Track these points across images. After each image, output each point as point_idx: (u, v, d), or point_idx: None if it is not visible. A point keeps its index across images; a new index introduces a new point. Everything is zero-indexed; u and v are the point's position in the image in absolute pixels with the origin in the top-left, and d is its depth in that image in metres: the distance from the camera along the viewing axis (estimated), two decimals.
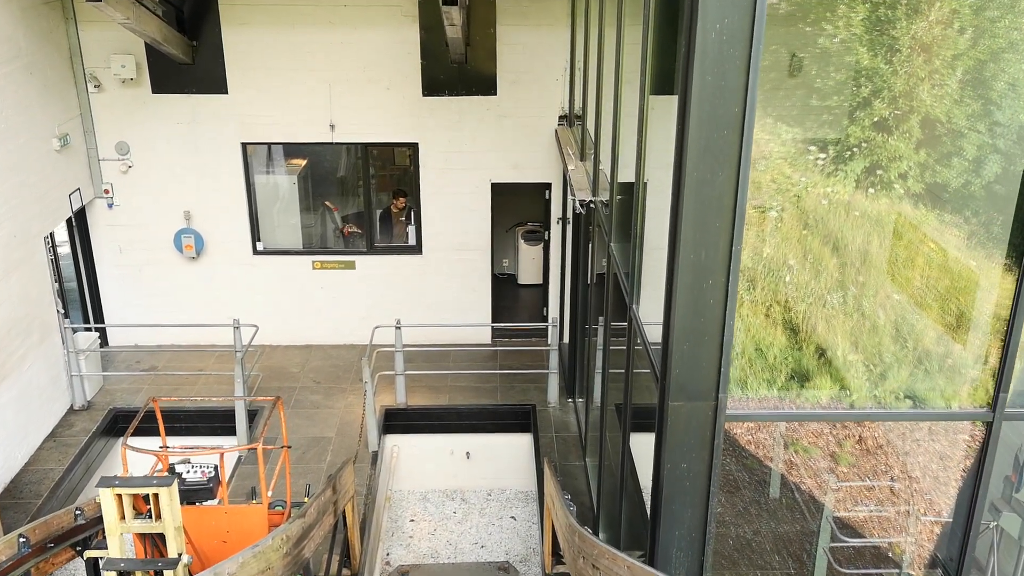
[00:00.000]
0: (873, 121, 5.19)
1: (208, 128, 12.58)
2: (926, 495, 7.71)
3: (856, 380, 5.87)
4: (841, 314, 5.82)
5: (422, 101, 12.58)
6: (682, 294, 5.37)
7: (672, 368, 5.54)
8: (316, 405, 12.26)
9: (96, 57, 12.11)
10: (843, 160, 5.34)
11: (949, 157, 5.24)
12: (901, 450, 7.78)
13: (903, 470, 7.93)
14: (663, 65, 6.67)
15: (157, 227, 13.00)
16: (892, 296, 5.77)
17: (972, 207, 5.40)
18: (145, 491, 5.56)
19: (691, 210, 5.20)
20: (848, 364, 5.84)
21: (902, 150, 5.18)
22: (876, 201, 5.40)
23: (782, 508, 8.54)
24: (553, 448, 11.45)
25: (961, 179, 5.31)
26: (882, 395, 5.88)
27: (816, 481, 8.45)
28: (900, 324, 5.83)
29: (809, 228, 5.64)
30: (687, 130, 5.09)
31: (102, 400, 12.15)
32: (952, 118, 5.17)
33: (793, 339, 5.81)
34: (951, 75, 5.08)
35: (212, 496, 6.83)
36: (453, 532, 11.66)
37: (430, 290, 13.54)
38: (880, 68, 5.12)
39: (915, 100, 5.13)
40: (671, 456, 5.76)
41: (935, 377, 5.91)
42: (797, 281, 5.69)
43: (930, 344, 5.84)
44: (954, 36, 5.04)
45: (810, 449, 8.41)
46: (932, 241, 5.57)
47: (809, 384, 5.88)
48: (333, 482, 7.77)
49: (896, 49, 5.05)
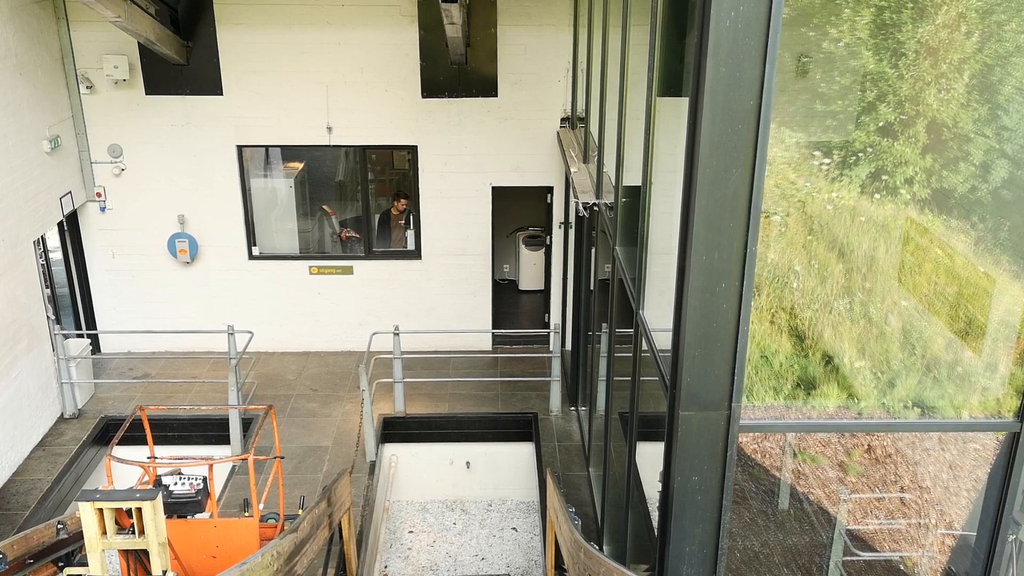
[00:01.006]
0: (878, 126, 5.10)
1: (203, 130, 12.35)
2: (937, 506, 7.58)
3: (866, 388, 5.66)
4: (848, 320, 5.62)
5: (421, 103, 12.36)
6: (693, 298, 5.11)
7: (683, 376, 5.28)
8: (313, 413, 11.99)
9: (88, 58, 11.87)
10: (848, 165, 5.22)
11: (956, 162, 5.15)
12: (911, 460, 7.67)
13: (913, 480, 7.79)
14: (671, 65, 6.48)
15: (151, 231, 12.76)
16: (900, 303, 5.60)
17: (979, 212, 5.29)
18: (127, 505, 5.28)
19: (703, 209, 4.94)
20: (855, 371, 5.67)
21: (908, 155, 5.09)
22: (882, 207, 5.28)
23: (790, 519, 8.34)
24: (555, 458, 11.19)
25: (968, 184, 5.20)
26: (891, 403, 5.67)
27: (824, 491, 8.29)
28: (921, 332, 5.66)
29: (814, 234, 5.49)
30: (699, 125, 4.83)
31: (93, 408, 11.88)
32: (959, 122, 5.08)
33: (799, 346, 5.64)
34: (958, 79, 4.98)
35: (200, 509, 6.54)
36: (453, 544, 11.41)
37: (429, 296, 13.31)
38: (885, 72, 5.03)
39: (921, 104, 5.03)
40: (681, 468, 5.49)
41: (946, 385, 5.74)
42: (803, 287, 5.52)
43: (952, 353, 5.67)
44: (961, 40, 4.95)
45: (817, 459, 8.26)
46: (944, 246, 5.43)
47: (817, 392, 5.65)
48: (328, 494, 7.49)
49: (902, 53, 4.96)
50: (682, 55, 6.31)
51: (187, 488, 6.40)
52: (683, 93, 5.69)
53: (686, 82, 5.64)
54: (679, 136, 5.26)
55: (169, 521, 6.51)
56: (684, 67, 6.09)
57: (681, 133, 5.10)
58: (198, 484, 6.45)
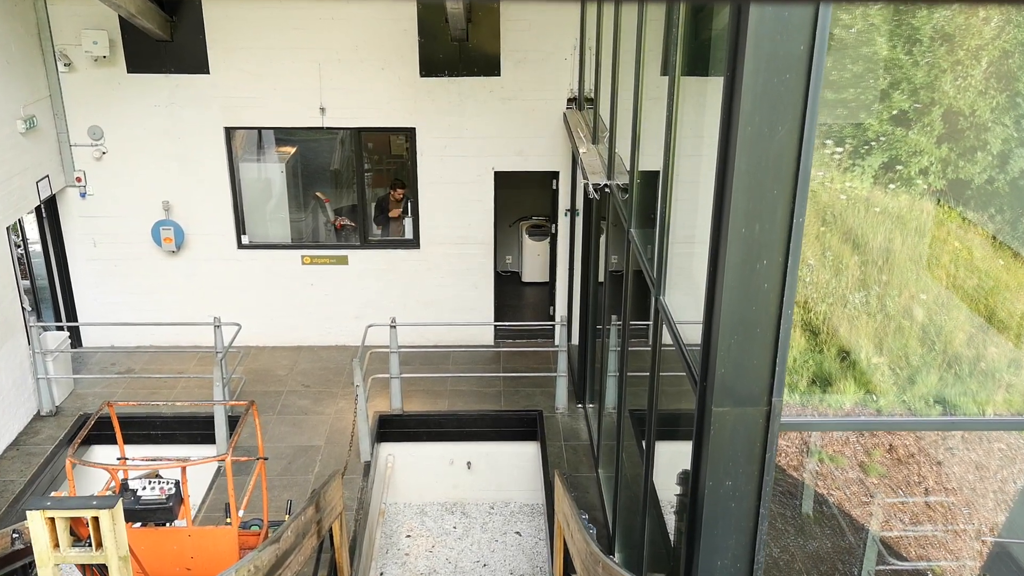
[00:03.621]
0: (892, 114, 4.92)
1: (188, 111, 11.71)
2: (965, 509, 7.17)
3: (885, 384, 5.25)
4: (864, 314, 5.32)
5: (419, 82, 11.72)
6: (730, 277, 4.47)
7: (716, 367, 4.64)
8: (304, 411, 11.37)
9: (66, 33, 11.22)
10: (860, 155, 5.01)
11: (973, 152, 4.98)
12: (934, 459, 7.24)
13: (938, 481, 7.47)
14: (697, 38, 5.91)
15: (134, 218, 12.12)
16: (920, 295, 5.36)
17: (997, 204, 5.11)
18: (81, 514, 4.61)
19: (743, 174, 4.30)
20: (873, 367, 5.34)
21: (923, 144, 4.92)
22: (896, 197, 5.09)
23: (811, 523, 7.93)
24: (562, 458, 10.59)
25: (985, 175, 5.03)
26: (911, 400, 5.25)
27: (845, 492, 7.96)
28: (941, 326, 5.36)
29: (827, 224, 5.25)
30: (739, 75, 4.19)
31: (72, 405, 11.23)
32: (976, 111, 4.90)
33: (814, 341, 5.31)
34: (975, 66, 4.82)
35: (172, 516, 5.89)
36: (453, 549, 10.86)
37: (428, 287, 12.71)
38: (900, 59, 4.84)
39: (937, 92, 4.89)
40: (713, 472, 4.85)
41: (968, 382, 5.38)
42: (816, 280, 5.22)
43: (974, 349, 5.40)
44: (979, 25, 4.79)
45: (836, 458, 7.98)
46: (962, 238, 5.25)
47: (833, 389, 5.24)
48: (317, 499, 6.83)
49: (917, 39, 4.79)
50: (709, 27, 5.84)
51: (157, 494, 5.74)
52: (709, 72, 5.49)
53: (714, 59, 5.39)
54: (698, 116, 4.98)
55: (138, 530, 5.86)
56: (712, 40, 5.68)
57: (701, 113, 4.78)
58: (170, 489, 5.79)
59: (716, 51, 5.47)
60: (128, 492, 5.72)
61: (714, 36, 5.68)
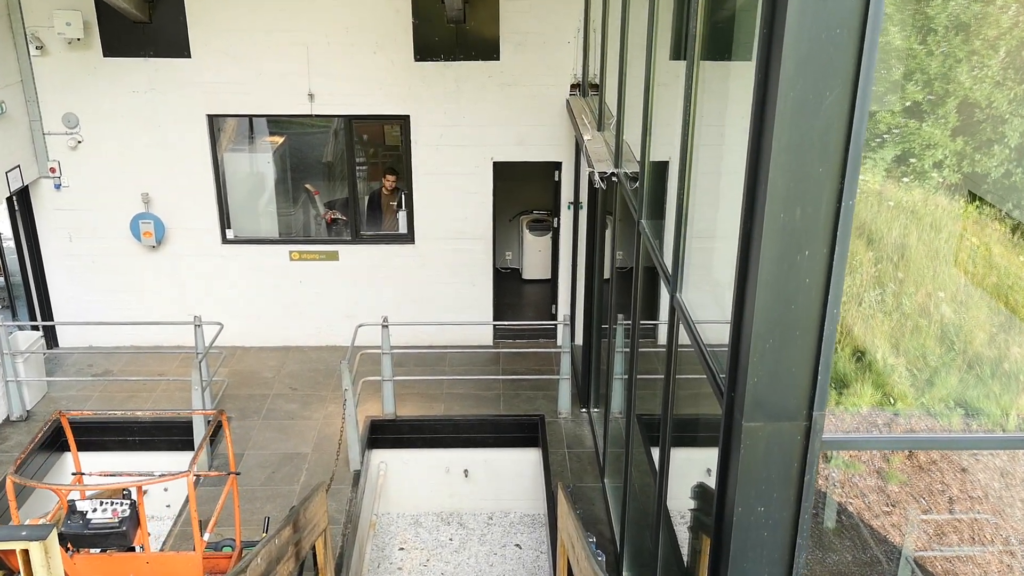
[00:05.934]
0: (905, 106, 4.67)
1: (169, 98, 11.10)
2: (992, 519, 6.74)
3: (902, 387, 4.95)
4: (879, 313, 5.05)
5: (414, 67, 11.11)
6: (765, 271, 3.83)
7: (748, 376, 3.99)
8: (291, 416, 10.77)
9: (38, 14, 10.62)
10: (872, 148, 4.66)
11: (989, 145, 4.81)
12: (958, 466, 6.85)
13: (963, 490, 7.03)
14: (715, 17, 5.37)
15: (112, 211, 11.55)
16: (937, 293, 5.17)
17: (1015, 198, 4.91)
18: (8, 546, 3.96)
19: (783, 150, 3.66)
20: (890, 368, 5.04)
21: (937, 137, 4.74)
22: (910, 191, 4.91)
23: (830, 535, 7.40)
24: (565, 466, 9.98)
25: (1003, 168, 4.84)
26: (930, 403, 4.90)
27: (864, 502, 7.50)
28: (961, 326, 5.11)
29: None
30: (779, 34, 3.53)
31: (44, 409, 10.61)
32: (993, 102, 4.73)
33: None
34: (992, 56, 4.64)
35: (126, 541, 5.23)
36: (449, 562, 10.31)
37: (423, 284, 12.17)
38: (913, 48, 4.62)
39: (952, 83, 4.68)
40: (744, 497, 4.20)
41: (990, 383, 5.07)
42: None
43: (996, 349, 5.14)
44: (996, 14, 4.64)
45: (853, 464, 7.47)
46: (980, 233, 5.05)
47: (849, 392, 4.78)
48: (295, 517, 6.18)
49: (931, 29, 4.59)
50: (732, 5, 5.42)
51: (109, 516, 5.09)
52: (730, 57, 5.23)
53: (737, 42, 5.11)
54: (715, 104, 4.66)
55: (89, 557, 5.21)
56: (735, 22, 5.27)
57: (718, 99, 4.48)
58: (123, 511, 5.13)
59: (739, 31, 5.04)
60: (76, 515, 5.08)
61: (738, 10, 5.16)
